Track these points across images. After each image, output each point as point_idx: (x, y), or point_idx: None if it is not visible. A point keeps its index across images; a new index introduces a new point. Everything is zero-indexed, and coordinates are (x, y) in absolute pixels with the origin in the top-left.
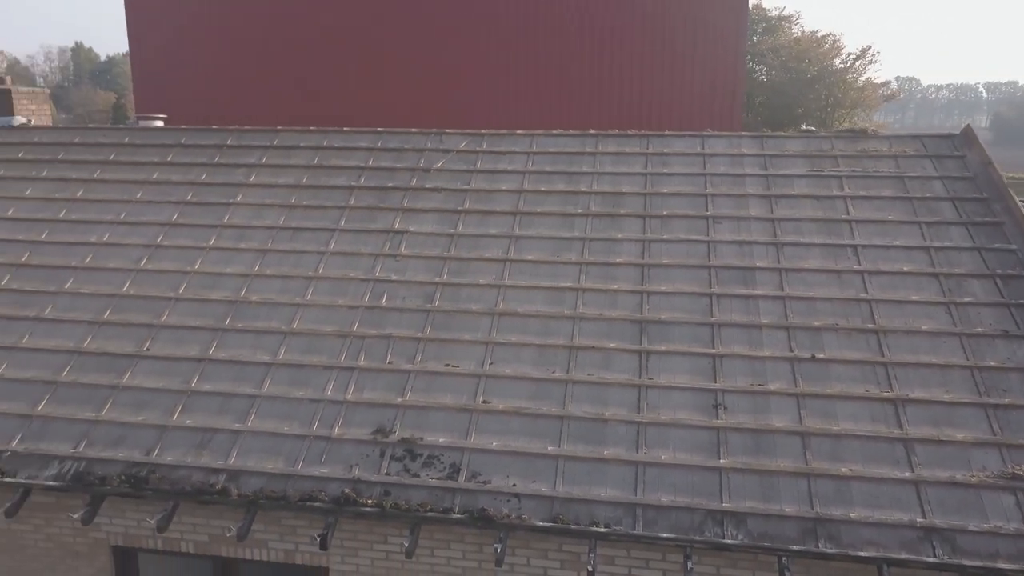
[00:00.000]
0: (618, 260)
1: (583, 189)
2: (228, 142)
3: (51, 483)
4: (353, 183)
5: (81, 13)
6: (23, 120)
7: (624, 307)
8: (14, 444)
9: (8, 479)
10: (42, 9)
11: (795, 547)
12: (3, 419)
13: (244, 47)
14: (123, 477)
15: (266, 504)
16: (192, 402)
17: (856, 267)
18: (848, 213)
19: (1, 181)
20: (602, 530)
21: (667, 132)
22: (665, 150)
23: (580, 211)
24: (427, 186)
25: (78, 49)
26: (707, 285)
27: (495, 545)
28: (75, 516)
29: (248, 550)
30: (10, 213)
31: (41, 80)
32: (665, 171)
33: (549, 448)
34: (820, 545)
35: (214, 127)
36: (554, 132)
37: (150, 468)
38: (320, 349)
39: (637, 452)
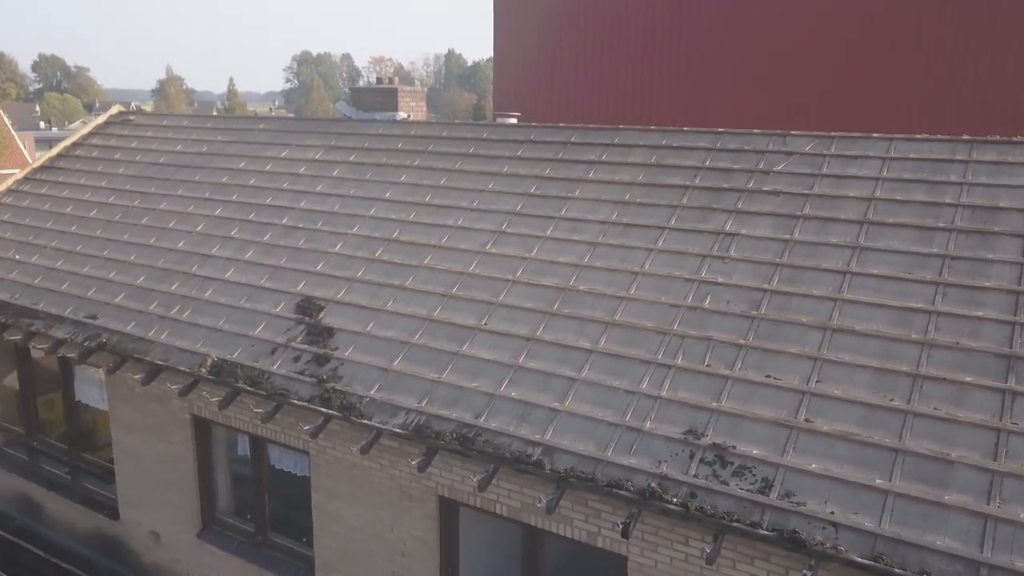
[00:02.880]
0: (986, 284)
1: (948, 201)
2: (572, 139)
3: (397, 430)
4: (688, 182)
5: (456, 21)
6: (404, 115)
7: (989, 338)
8: (372, 392)
9: (365, 421)
10: (423, 18)
11: None
12: (367, 369)
13: (596, 54)
14: (454, 435)
15: (575, 483)
16: (518, 376)
17: None
18: None
19: (383, 167)
20: None
21: None
22: None
23: (942, 225)
24: (764, 188)
25: (450, 56)
26: None
27: (804, 571)
28: (413, 463)
29: (554, 523)
30: (387, 195)
31: (418, 82)
32: None
33: (878, 480)
34: None
35: (561, 125)
36: (917, 136)
37: (477, 431)
38: (639, 343)
39: (988, 504)
